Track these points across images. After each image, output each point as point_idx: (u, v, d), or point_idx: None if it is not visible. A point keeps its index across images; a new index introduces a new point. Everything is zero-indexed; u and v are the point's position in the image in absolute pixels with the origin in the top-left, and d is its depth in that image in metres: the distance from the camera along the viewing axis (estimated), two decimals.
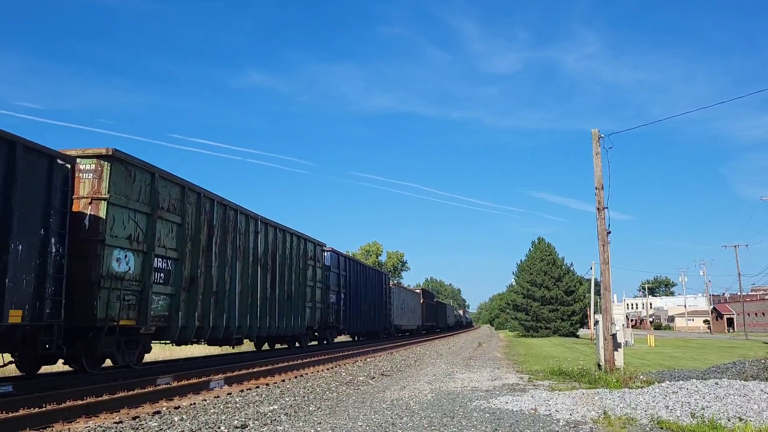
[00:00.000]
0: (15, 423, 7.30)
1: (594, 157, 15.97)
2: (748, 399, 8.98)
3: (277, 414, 8.76)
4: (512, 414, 8.61)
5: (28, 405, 8.53)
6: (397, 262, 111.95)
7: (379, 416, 8.49)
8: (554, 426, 7.70)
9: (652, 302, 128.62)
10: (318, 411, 9.14)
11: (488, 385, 12.59)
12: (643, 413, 8.38)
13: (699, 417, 7.94)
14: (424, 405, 9.59)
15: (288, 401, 10.11)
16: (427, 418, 8.34)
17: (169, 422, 7.95)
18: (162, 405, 9.48)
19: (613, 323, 15.50)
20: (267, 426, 7.85)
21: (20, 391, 10.04)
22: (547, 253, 61.53)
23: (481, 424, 7.87)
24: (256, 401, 10.08)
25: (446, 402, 9.92)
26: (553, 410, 8.80)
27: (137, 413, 8.58)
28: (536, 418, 8.24)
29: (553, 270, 60.44)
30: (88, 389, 9.91)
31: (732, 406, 8.50)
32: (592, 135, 16.15)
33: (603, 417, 8.20)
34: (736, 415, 8.01)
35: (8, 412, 7.98)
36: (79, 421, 8.00)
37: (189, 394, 10.78)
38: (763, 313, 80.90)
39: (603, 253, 15.59)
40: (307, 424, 7.97)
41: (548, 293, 59.14)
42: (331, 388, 12.04)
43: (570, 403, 9.35)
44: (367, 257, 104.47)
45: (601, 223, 15.64)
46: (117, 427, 7.62)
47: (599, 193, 15.81)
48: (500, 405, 9.45)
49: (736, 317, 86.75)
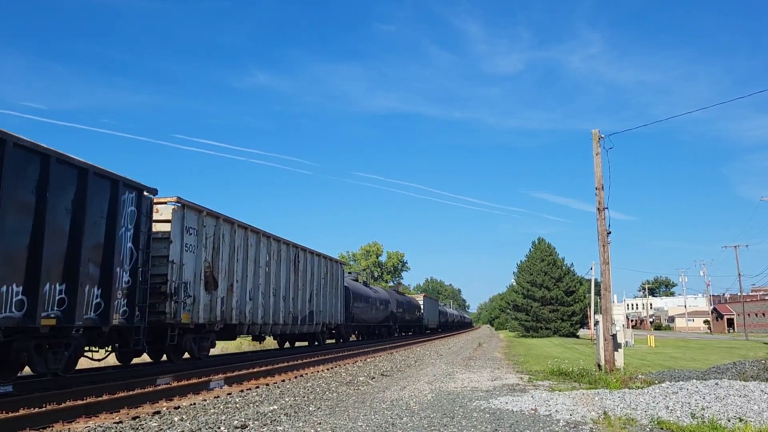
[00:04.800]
0: (15, 423, 7.30)
1: (594, 158, 15.98)
2: (749, 399, 8.98)
3: (277, 414, 8.76)
4: (512, 414, 8.61)
5: (28, 405, 8.53)
6: (398, 263, 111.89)
7: (379, 416, 8.49)
8: (554, 426, 7.69)
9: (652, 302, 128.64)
10: (318, 411, 9.14)
11: (488, 386, 12.59)
12: (644, 414, 8.38)
13: (699, 417, 7.94)
14: (424, 405, 9.59)
15: (288, 401, 10.11)
16: (427, 418, 8.34)
17: (169, 422, 7.95)
18: (162, 405, 9.48)
19: (613, 323, 15.51)
20: (267, 426, 7.85)
21: (20, 391, 10.05)
22: (547, 254, 61.52)
23: (481, 424, 7.87)
24: (256, 401, 10.08)
25: (446, 402, 9.92)
26: (553, 410, 8.80)
27: (137, 413, 8.58)
28: (536, 419, 8.24)
29: (553, 270, 60.44)
30: (88, 389, 9.92)
31: (732, 407, 8.50)
32: (593, 135, 16.16)
33: (603, 417, 8.20)
34: (736, 415, 8.01)
35: (8, 412, 7.99)
36: (79, 421, 8.01)
37: (189, 394, 10.78)
38: (763, 313, 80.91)
39: (603, 254, 15.60)
40: (307, 424, 7.97)
41: (548, 293, 59.14)
42: (331, 389, 12.04)
43: (570, 404, 9.35)
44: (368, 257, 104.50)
45: (602, 224, 15.64)
46: (117, 427, 7.61)
47: (599, 194, 15.82)
48: (500, 405, 9.45)
49: (736, 318, 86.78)
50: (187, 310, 14.69)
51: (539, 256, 61.50)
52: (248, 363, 16.29)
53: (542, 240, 63.30)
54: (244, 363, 16.29)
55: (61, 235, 10.20)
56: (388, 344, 30.88)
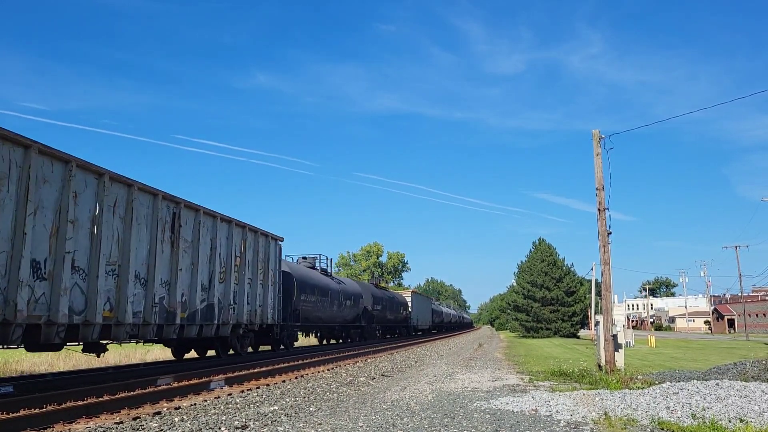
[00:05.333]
0: (16, 423, 7.30)
1: (594, 158, 15.97)
2: (749, 400, 8.97)
3: (278, 415, 8.76)
4: (513, 415, 8.61)
5: (28, 405, 8.54)
6: (398, 263, 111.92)
7: (379, 417, 8.49)
8: (555, 427, 7.69)
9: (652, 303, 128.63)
10: (318, 412, 9.14)
11: (489, 386, 12.58)
12: (644, 414, 8.37)
13: (700, 418, 7.94)
14: (425, 406, 9.58)
15: (288, 402, 10.11)
16: (427, 418, 8.34)
17: (169, 423, 7.95)
18: (163, 405, 9.48)
19: (613, 324, 15.49)
20: (267, 427, 7.85)
21: (21, 391, 10.06)
22: (547, 254, 61.54)
23: (482, 424, 7.87)
24: (256, 402, 10.08)
25: (447, 403, 9.92)
26: (553, 411, 8.79)
27: (138, 414, 8.58)
28: (537, 419, 8.24)
29: (553, 271, 60.45)
30: (89, 390, 9.92)
31: (733, 407, 8.49)
32: (593, 136, 16.15)
33: (604, 418, 8.20)
34: (737, 416, 8.00)
35: (9, 412, 7.99)
36: (79, 421, 8.01)
37: (190, 394, 10.78)
38: (764, 314, 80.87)
39: (603, 254, 15.59)
40: (307, 425, 7.96)
41: (549, 294, 59.14)
42: (332, 389, 12.04)
43: (571, 404, 9.34)
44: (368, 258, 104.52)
45: (602, 224, 15.64)
46: (117, 427, 7.62)
47: (600, 194, 15.81)
48: (501, 406, 9.45)
49: (736, 318, 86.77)
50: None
51: (540, 257, 61.52)
52: (249, 363, 16.29)
53: (543, 240, 63.38)
54: (245, 363, 16.29)
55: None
56: (388, 345, 30.81)
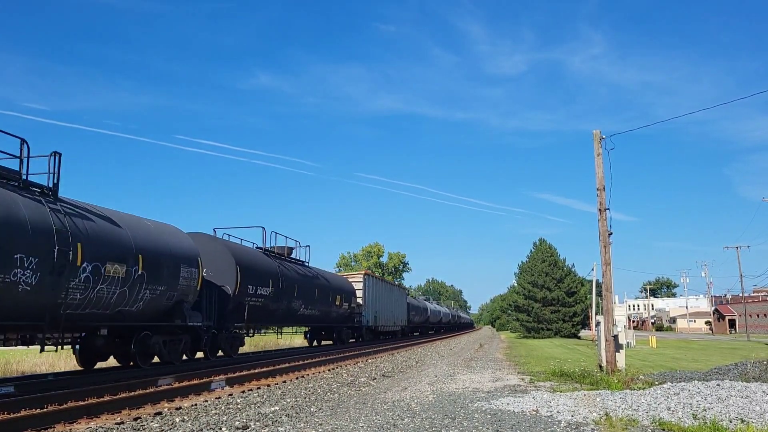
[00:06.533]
0: (17, 424, 7.31)
1: (595, 158, 15.96)
2: (750, 401, 8.96)
3: (279, 415, 8.76)
4: (514, 415, 8.61)
5: (29, 406, 8.55)
6: (399, 263, 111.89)
7: (380, 417, 8.49)
8: (556, 427, 7.69)
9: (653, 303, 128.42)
10: (319, 412, 9.14)
11: (490, 387, 12.58)
12: (645, 414, 8.37)
13: (701, 418, 7.93)
14: (426, 406, 9.58)
15: (289, 402, 10.11)
16: (428, 419, 8.34)
17: (170, 423, 7.96)
18: (163, 406, 9.49)
19: (614, 324, 15.49)
20: (268, 427, 7.85)
21: (22, 391, 10.07)
22: (548, 254, 61.46)
23: (483, 425, 7.87)
24: (257, 402, 10.08)
25: (448, 403, 9.91)
26: (554, 411, 8.79)
27: (138, 414, 8.59)
28: (538, 420, 8.23)
29: (554, 271, 60.37)
30: (90, 390, 9.93)
31: (734, 408, 8.48)
32: (594, 136, 16.14)
33: (604, 418, 8.19)
34: (738, 416, 7.99)
35: (10, 412, 8.00)
36: (80, 422, 8.01)
37: (190, 395, 10.79)
38: (765, 314, 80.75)
39: (604, 255, 15.58)
40: (308, 425, 7.96)
41: (550, 294, 59.07)
42: (333, 389, 12.04)
43: (571, 405, 9.34)
44: (369, 258, 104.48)
45: (603, 225, 15.63)
46: (118, 428, 7.62)
47: (601, 194, 15.81)
48: (502, 406, 9.45)
49: (737, 318, 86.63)
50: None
51: (540, 257, 61.44)
52: (249, 363, 16.30)
53: (543, 241, 63.26)
54: (245, 363, 16.30)
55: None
56: (389, 345, 30.79)
